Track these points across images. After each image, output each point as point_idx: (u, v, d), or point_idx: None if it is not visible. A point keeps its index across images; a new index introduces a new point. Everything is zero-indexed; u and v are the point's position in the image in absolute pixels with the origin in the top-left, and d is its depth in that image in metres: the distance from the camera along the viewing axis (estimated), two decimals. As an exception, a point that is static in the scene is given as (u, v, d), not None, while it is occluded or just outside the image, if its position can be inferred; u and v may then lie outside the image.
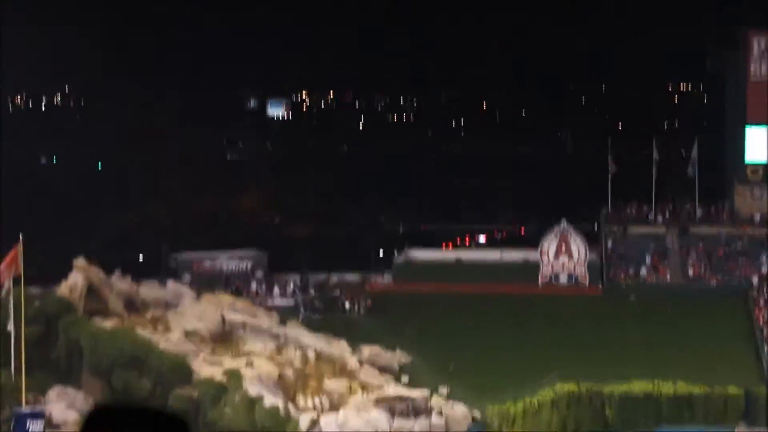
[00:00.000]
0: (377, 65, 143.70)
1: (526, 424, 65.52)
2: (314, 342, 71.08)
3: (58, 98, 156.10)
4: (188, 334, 69.29)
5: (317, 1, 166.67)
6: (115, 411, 3.24)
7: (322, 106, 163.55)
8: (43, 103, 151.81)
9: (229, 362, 67.29)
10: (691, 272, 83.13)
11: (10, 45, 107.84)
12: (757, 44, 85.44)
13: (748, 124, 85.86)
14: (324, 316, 77.10)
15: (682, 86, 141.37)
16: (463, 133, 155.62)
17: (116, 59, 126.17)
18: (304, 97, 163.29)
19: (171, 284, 79.06)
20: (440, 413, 65.04)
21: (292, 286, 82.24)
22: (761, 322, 75.67)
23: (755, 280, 79.35)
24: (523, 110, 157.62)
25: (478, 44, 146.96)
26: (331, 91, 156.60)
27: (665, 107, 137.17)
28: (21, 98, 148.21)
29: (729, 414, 67.46)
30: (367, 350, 71.10)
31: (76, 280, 71.61)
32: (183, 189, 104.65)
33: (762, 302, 77.42)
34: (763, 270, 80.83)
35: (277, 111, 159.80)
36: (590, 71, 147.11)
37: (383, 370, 69.74)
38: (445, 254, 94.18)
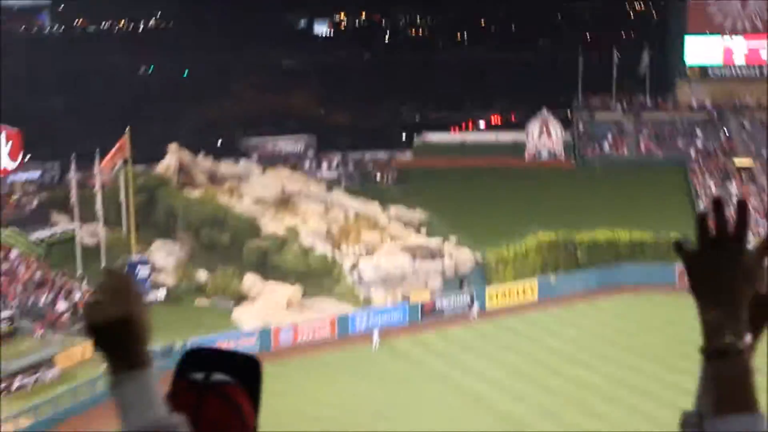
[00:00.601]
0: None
1: (516, 264, 66.05)
2: (353, 204, 71.76)
3: (152, 22, 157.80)
4: (257, 200, 70.04)
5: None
6: (201, 352, 2.73)
7: (356, 25, 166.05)
8: (140, 26, 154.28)
9: (289, 220, 67.89)
10: (642, 148, 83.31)
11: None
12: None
13: (687, 33, 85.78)
14: (360, 185, 77.39)
15: (638, 5, 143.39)
16: (466, 43, 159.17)
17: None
18: (342, 18, 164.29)
19: (243, 162, 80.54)
20: (450, 256, 65.42)
21: (335, 162, 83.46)
22: (696, 185, 75.98)
23: (692, 152, 79.24)
24: (513, 25, 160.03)
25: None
26: (363, 12, 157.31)
27: (624, 22, 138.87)
28: (124, 22, 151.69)
29: (671, 254, 66.65)
30: (394, 210, 72.03)
31: (170, 161, 72.23)
32: (251, 90, 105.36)
33: (697, 169, 77.62)
34: (698, 144, 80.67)
35: (321, 29, 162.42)
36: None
37: (407, 224, 70.49)
38: (453, 136, 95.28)
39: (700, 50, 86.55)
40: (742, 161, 77.91)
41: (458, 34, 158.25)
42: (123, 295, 2.22)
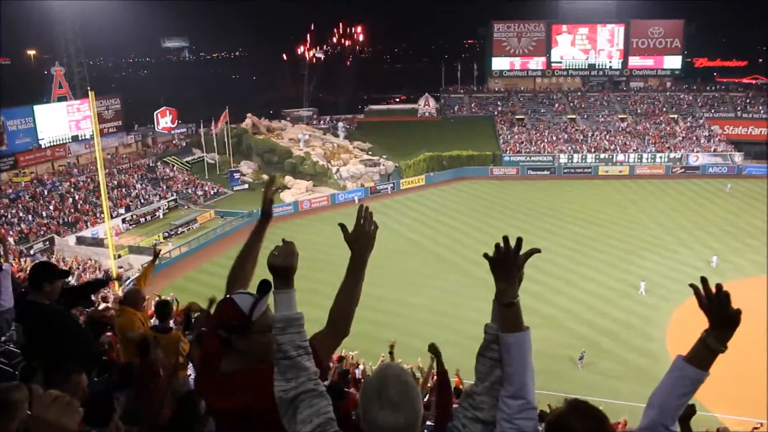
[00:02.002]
0: None
1: (415, 168, 65.26)
2: (336, 140, 71.06)
3: (238, 52, 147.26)
4: (289, 140, 69.25)
5: None
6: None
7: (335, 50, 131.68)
8: (233, 54, 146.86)
9: (306, 149, 66.96)
10: (472, 110, 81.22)
11: None
12: None
13: (492, 55, 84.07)
14: (341, 131, 73.89)
15: (472, 40, 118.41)
16: (388, 58, 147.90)
17: None
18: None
19: (283, 122, 77.06)
20: (383, 165, 64.86)
21: (328, 120, 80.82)
22: (498, 129, 75.13)
23: (495, 113, 78.93)
24: (412, 47, 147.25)
25: None
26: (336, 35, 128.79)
27: (462, 48, 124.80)
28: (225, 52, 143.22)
29: (487, 161, 67.92)
30: (355, 143, 70.99)
31: (248, 121, 71.42)
32: (284, 82, 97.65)
33: (497, 121, 76.95)
34: (498, 108, 79.85)
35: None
36: None
37: (362, 150, 69.69)
38: (383, 106, 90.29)
39: (499, 63, 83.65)
40: (520, 117, 76.98)
41: (388, 54, 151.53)
42: (290, 253, 2.46)
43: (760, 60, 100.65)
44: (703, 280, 2.36)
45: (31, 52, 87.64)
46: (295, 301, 2.43)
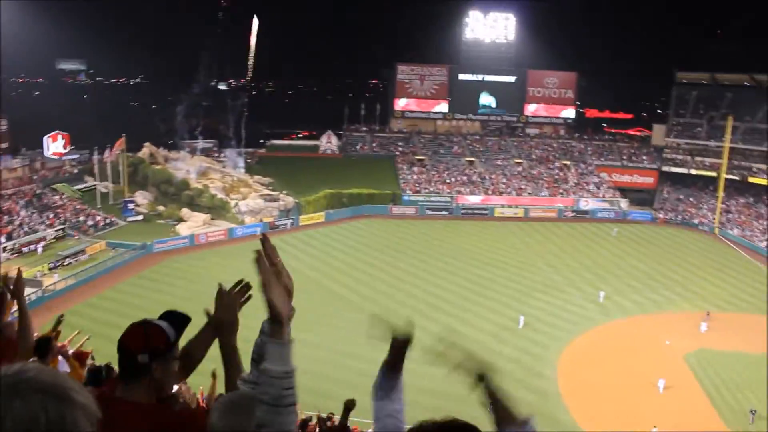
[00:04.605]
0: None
1: (314, 205, 65.11)
2: (236, 174, 70.24)
3: (138, 78, 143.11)
4: (187, 171, 67.58)
5: None
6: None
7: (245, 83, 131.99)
8: (131, 81, 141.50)
9: (204, 181, 66.15)
10: (374, 149, 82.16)
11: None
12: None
13: (395, 96, 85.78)
14: (240, 164, 73.79)
15: (377, 82, 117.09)
16: (298, 95, 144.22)
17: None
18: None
19: (181, 152, 74.64)
20: (282, 200, 64.53)
21: (227, 153, 79.31)
22: (397, 168, 75.88)
23: (396, 152, 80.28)
24: (321, 86, 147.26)
25: None
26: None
27: (366, 89, 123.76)
28: (125, 78, 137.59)
29: (386, 199, 68.66)
30: (256, 177, 70.39)
31: (145, 150, 69.20)
32: (186, 112, 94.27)
33: (399, 160, 77.94)
34: (399, 148, 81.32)
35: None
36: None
37: (262, 184, 69.08)
38: (285, 142, 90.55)
39: (401, 104, 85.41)
40: (420, 158, 78.17)
41: (292, 90, 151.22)
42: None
43: (644, 114, 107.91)
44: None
45: None
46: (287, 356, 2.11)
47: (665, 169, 76.48)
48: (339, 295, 43.69)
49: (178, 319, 2.56)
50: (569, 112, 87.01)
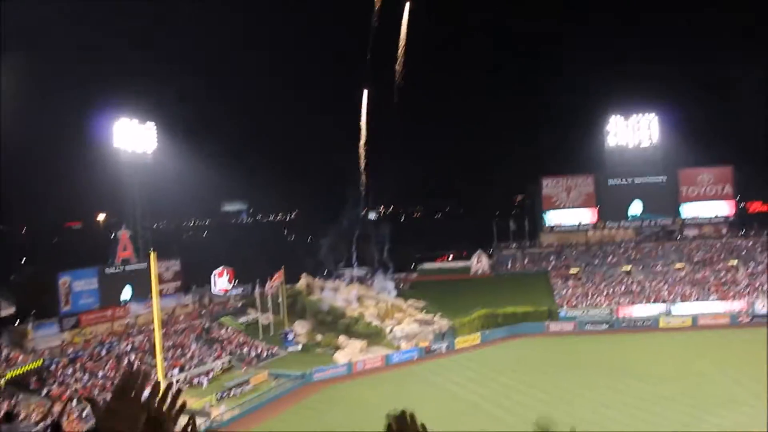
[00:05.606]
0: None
1: (469, 326, 64.03)
2: (389, 299, 70.84)
3: (293, 215, 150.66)
4: (344, 300, 69.35)
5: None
6: None
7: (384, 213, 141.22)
8: (288, 217, 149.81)
9: (360, 309, 67.74)
10: (525, 265, 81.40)
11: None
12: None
13: (543, 210, 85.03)
14: (393, 290, 74.44)
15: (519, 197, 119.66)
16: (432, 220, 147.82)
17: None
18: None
19: (337, 281, 76.24)
20: (437, 323, 64.32)
21: (382, 278, 79.55)
22: (552, 284, 74.24)
23: (549, 267, 78.39)
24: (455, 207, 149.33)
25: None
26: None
27: (512, 206, 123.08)
28: (280, 215, 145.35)
29: (543, 316, 66.48)
30: (409, 301, 70.59)
31: (302, 282, 72.74)
32: (337, 241, 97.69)
33: (552, 276, 76.10)
34: (552, 263, 79.79)
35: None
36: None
37: (416, 308, 69.15)
38: (436, 264, 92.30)
39: (549, 218, 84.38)
40: (573, 271, 76.16)
41: (439, 212, 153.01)
42: (132, 410, 1.76)
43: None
44: None
45: (101, 216, 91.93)
46: None
47: None
48: (498, 419, 41.82)
49: None
50: (729, 209, 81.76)
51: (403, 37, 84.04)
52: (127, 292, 60.17)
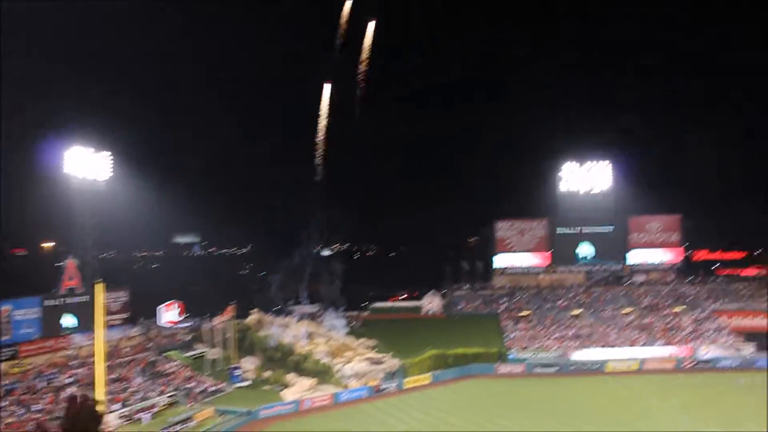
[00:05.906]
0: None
1: (419, 366, 63.57)
2: (340, 337, 70.14)
3: (246, 249, 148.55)
4: (293, 336, 68.25)
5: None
6: None
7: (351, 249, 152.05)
8: (239, 251, 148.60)
9: (309, 346, 66.46)
10: (472, 307, 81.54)
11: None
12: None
13: (494, 253, 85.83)
14: (343, 328, 73.85)
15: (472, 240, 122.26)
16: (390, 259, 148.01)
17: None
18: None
19: (287, 318, 75.21)
20: (387, 362, 63.70)
21: (332, 316, 79.21)
22: (502, 326, 74.32)
23: (500, 309, 78.69)
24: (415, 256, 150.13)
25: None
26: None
27: (465, 249, 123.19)
28: (234, 250, 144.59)
29: (493, 358, 66.54)
30: (360, 340, 70.06)
31: (252, 317, 71.35)
32: (288, 281, 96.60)
33: (503, 318, 76.27)
34: (502, 306, 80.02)
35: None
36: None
37: (366, 347, 68.61)
38: (388, 303, 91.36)
39: (502, 260, 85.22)
40: (524, 314, 76.57)
41: (393, 252, 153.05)
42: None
43: (757, 251, 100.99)
44: None
45: (48, 244, 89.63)
46: None
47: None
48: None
49: None
50: (676, 256, 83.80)
51: (362, 77, 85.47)
52: (71, 322, 58.52)
